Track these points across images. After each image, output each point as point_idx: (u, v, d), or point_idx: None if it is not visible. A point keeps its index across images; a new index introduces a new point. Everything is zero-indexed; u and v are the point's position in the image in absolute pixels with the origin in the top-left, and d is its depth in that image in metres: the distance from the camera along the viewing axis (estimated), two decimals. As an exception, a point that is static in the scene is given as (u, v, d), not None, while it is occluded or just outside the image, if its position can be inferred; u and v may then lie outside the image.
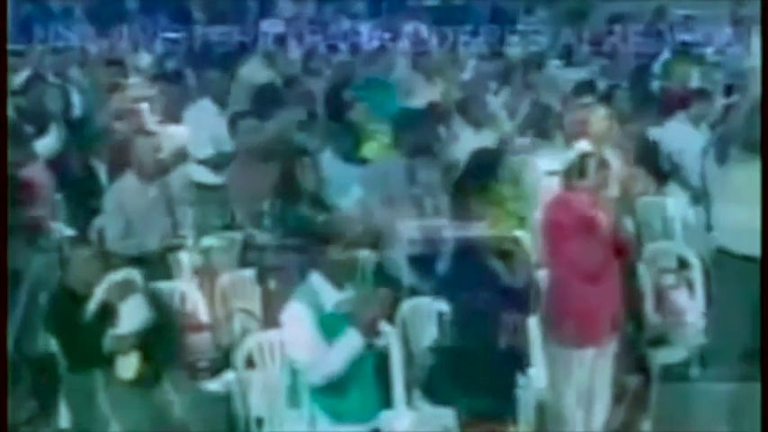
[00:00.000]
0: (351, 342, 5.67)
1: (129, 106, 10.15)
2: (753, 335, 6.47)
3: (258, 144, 8.24)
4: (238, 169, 8.24)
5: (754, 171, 6.48)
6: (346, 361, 5.67)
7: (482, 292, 6.30)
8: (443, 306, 6.52)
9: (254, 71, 11.47)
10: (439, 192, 8.00)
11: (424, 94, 10.48)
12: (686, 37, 13.45)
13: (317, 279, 5.80)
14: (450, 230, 7.01)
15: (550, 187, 7.88)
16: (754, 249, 6.48)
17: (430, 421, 6.31)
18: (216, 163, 8.76)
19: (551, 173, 8.19)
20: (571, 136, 8.65)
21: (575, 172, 6.58)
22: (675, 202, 8.58)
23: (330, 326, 5.70)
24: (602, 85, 10.58)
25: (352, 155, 8.46)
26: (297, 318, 5.74)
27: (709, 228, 7.09)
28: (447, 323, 6.44)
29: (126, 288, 6.43)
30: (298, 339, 5.74)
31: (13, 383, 6.60)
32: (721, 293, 6.76)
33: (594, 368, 6.56)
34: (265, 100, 9.23)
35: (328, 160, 8.22)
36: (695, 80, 10.72)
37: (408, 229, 7.72)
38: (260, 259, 7.35)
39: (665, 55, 12.56)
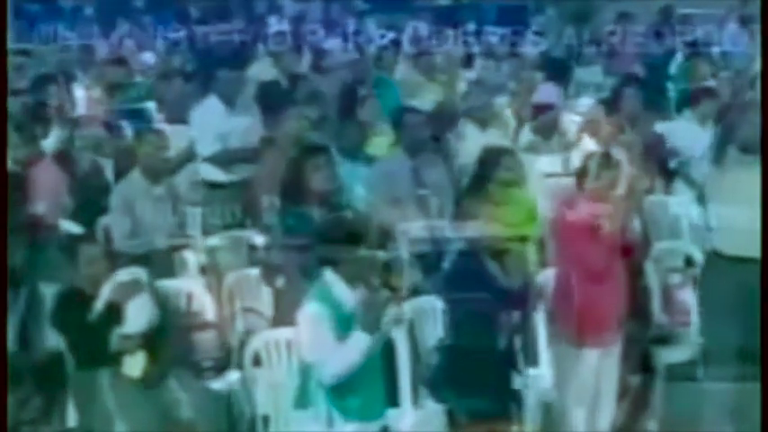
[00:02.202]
0: (358, 344, 5.63)
1: (134, 105, 10.18)
2: (744, 337, 6.48)
3: (283, 137, 8.20)
4: (265, 163, 8.17)
5: (749, 172, 6.49)
6: (354, 362, 5.63)
7: (486, 292, 6.30)
8: (448, 305, 6.52)
9: (262, 71, 11.47)
10: (444, 191, 8.01)
11: (428, 94, 10.48)
12: (692, 36, 13.43)
13: (330, 277, 5.75)
14: (455, 230, 7.01)
15: (555, 187, 7.91)
16: (746, 251, 6.49)
17: (436, 420, 6.32)
18: (223, 160, 8.73)
19: (551, 174, 8.22)
20: (579, 136, 8.67)
21: (584, 172, 6.58)
22: (682, 201, 8.56)
23: (350, 324, 5.66)
24: (610, 84, 10.56)
25: (358, 154, 8.44)
26: (313, 317, 5.67)
27: (708, 228, 7.09)
28: (452, 323, 6.43)
29: (133, 288, 6.43)
30: (313, 339, 5.68)
31: (20, 382, 6.61)
32: (713, 295, 6.76)
33: (600, 368, 6.56)
34: (270, 98, 9.22)
35: (336, 159, 8.19)
36: (706, 80, 10.70)
37: (414, 228, 7.73)
38: (267, 258, 7.34)
39: (674, 54, 12.56)
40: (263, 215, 7.73)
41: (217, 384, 6.75)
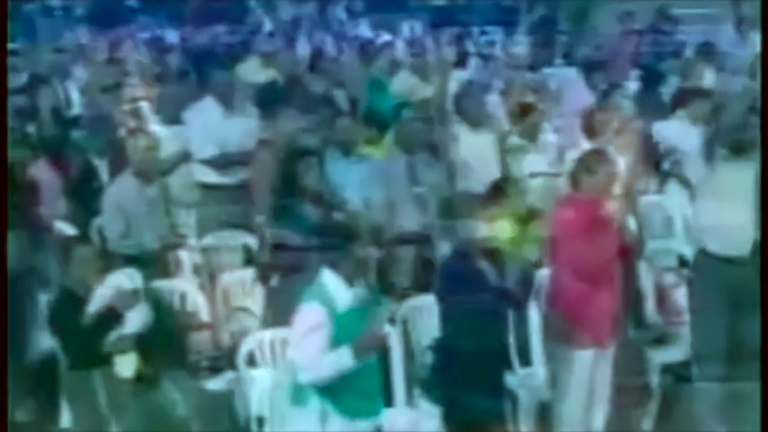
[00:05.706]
0: (341, 360, 5.57)
1: (128, 106, 10.17)
2: (731, 338, 6.49)
3: (279, 139, 8.17)
4: (260, 165, 8.14)
5: (738, 172, 6.49)
6: (333, 376, 5.59)
7: (481, 291, 6.29)
8: (443, 305, 6.52)
9: (251, 71, 11.45)
10: (439, 190, 8.01)
11: (421, 94, 10.48)
12: (687, 37, 13.47)
13: (329, 277, 5.72)
14: (449, 229, 7.02)
15: (548, 186, 7.94)
16: (735, 250, 6.49)
17: (430, 419, 6.31)
18: (220, 163, 8.68)
19: (536, 174, 8.25)
20: (575, 135, 8.67)
21: (581, 171, 6.57)
22: (675, 201, 8.58)
23: (348, 323, 5.62)
24: (605, 84, 10.58)
25: (354, 153, 8.43)
26: (311, 317, 5.62)
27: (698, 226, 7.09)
28: (447, 322, 6.43)
29: (132, 297, 6.40)
30: (306, 340, 5.64)
31: (14, 383, 6.61)
32: (702, 295, 6.75)
33: (595, 368, 6.56)
34: (267, 99, 9.19)
35: (330, 159, 8.20)
36: (699, 80, 10.71)
37: (409, 226, 7.74)
38: (262, 258, 7.34)
39: (669, 55, 12.58)
40: (259, 215, 7.74)
41: (212, 384, 6.75)
